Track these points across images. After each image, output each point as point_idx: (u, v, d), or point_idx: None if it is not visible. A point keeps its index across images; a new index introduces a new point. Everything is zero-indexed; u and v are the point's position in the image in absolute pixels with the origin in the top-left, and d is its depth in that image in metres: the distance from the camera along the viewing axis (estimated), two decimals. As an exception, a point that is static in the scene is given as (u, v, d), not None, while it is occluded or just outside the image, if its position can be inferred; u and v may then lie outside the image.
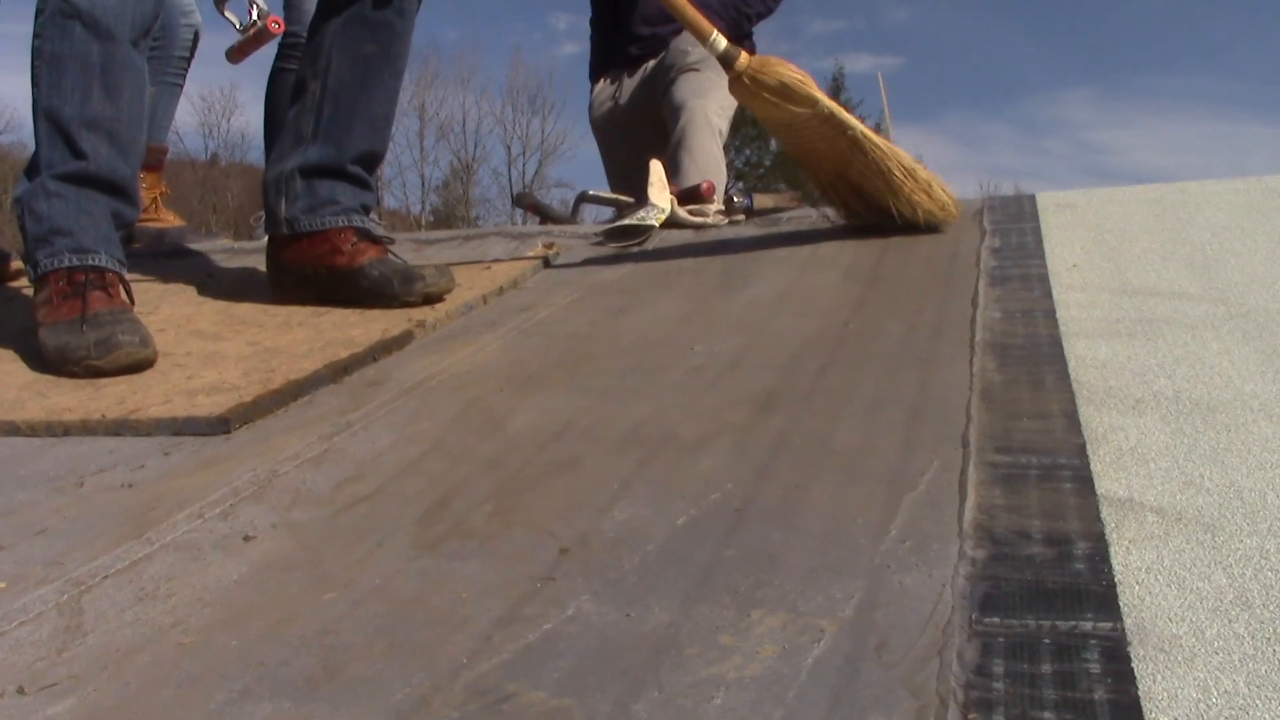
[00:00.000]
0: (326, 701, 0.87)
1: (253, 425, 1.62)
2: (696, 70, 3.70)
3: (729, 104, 3.61)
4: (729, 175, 3.93)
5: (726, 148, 4.24)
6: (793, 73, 2.52)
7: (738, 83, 2.53)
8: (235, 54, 2.98)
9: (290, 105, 2.34)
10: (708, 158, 3.49)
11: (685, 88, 3.66)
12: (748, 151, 32.11)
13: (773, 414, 1.46)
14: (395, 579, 1.08)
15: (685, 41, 3.72)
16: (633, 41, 3.89)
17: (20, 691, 0.91)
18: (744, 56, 2.53)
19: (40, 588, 1.11)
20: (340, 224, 2.27)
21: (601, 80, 4.02)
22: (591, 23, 4.05)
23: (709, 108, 3.60)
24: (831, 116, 2.52)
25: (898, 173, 2.50)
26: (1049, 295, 1.94)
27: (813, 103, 2.51)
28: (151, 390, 1.76)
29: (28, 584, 1.12)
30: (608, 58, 3.99)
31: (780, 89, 2.50)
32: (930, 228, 2.55)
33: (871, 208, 2.58)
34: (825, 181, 2.64)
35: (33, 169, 2.06)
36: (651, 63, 3.89)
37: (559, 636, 0.94)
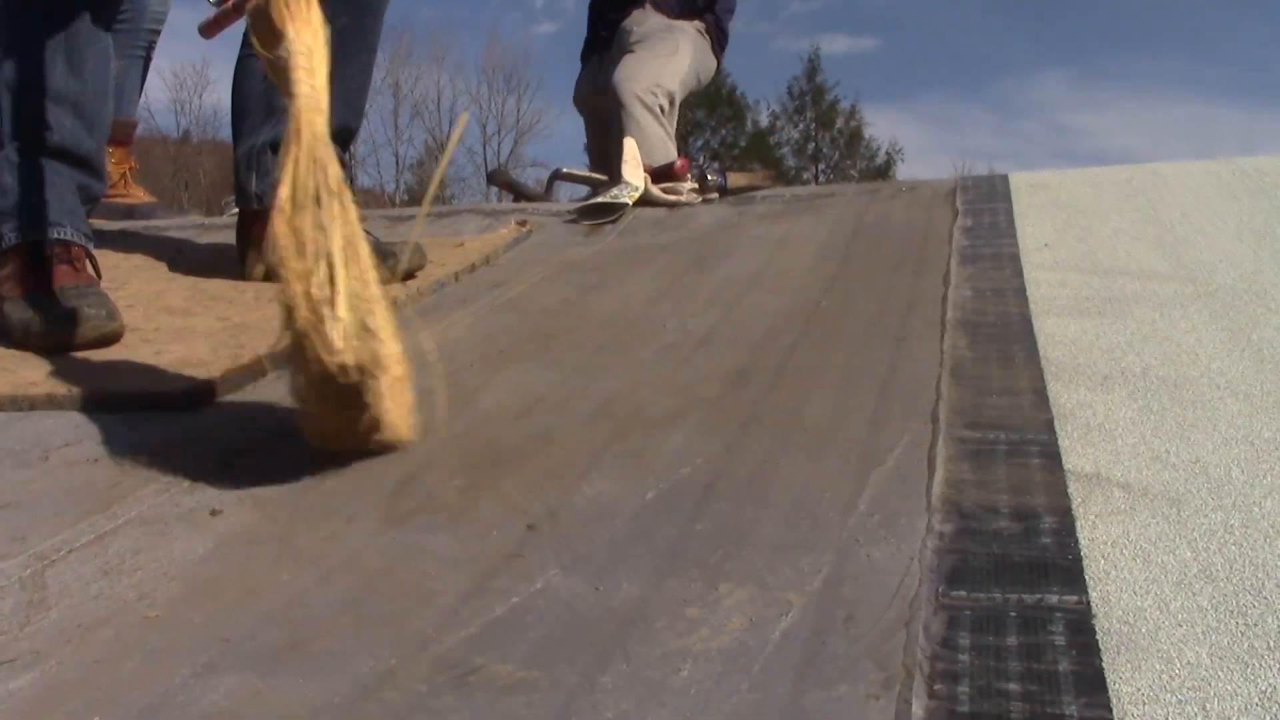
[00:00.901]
0: (291, 674, 0.86)
1: (221, 401, 1.60)
2: (632, 51, 3.71)
3: (670, 77, 3.62)
4: (703, 155, 3.94)
5: (702, 126, 4.23)
6: None
7: None
8: (208, 28, 2.94)
9: (263, 78, 2.31)
10: (645, 136, 3.49)
11: (617, 71, 3.67)
12: (723, 131, 32.11)
13: (744, 390, 1.46)
14: (363, 553, 1.07)
15: (632, 22, 3.75)
16: (603, 25, 3.89)
17: (-18, 665, 0.90)
18: None
19: (3, 562, 1.10)
20: (311, 200, 2.25)
21: (588, 60, 4.02)
22: (589, 4, 4.06)
23: (637, 87, 3.61)
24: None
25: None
26: (1020, 274, 1.94)
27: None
28: (119, 365, 1.74)
29: (-9, 558, 1.11)
30: (591, 39, 4.00)
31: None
32: None
33: None
34: None
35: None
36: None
37: (527, 610, 0.94)
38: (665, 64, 3.64)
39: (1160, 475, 1.13)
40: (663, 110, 3.59)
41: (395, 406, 1.27)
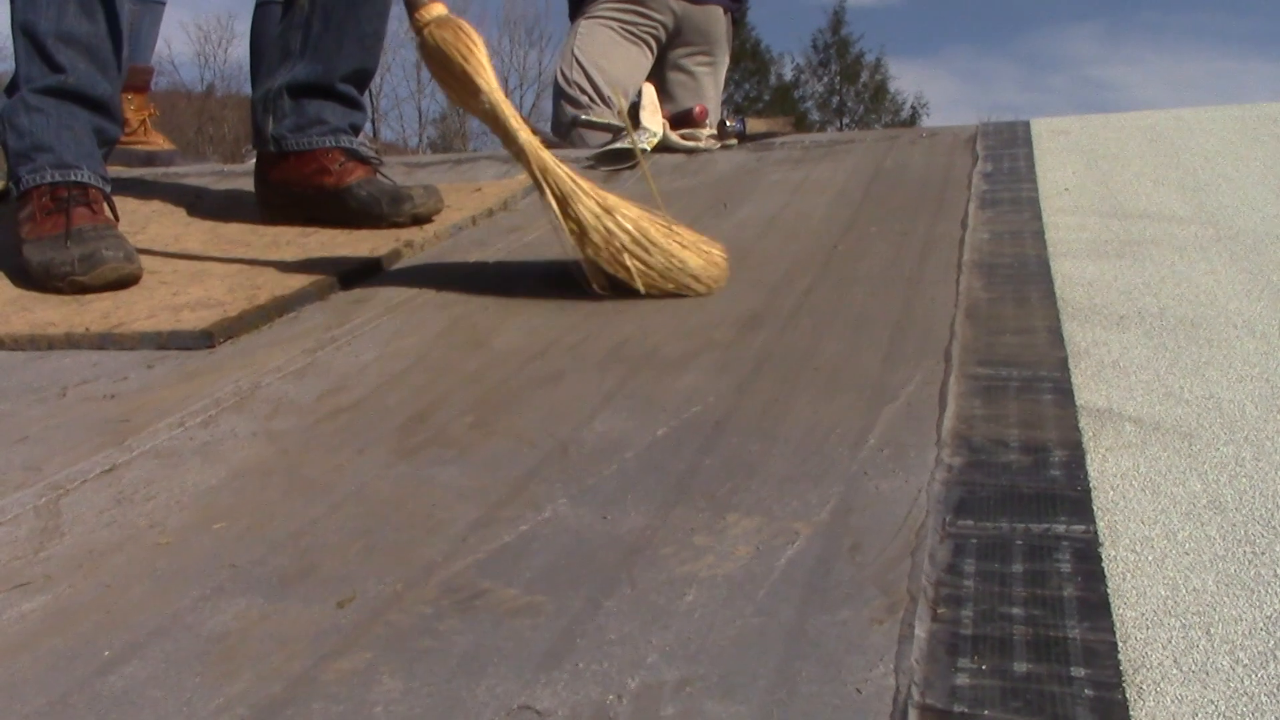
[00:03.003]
0: (298, 598, 0.87)
1: (237, 340, 1.61)
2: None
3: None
4: (727, 109, 3.97)
5: (725, 82, 4.23)
6: (459, 41, 1.70)
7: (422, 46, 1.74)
8: None
9: (279, 23, 2.31)
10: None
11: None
12: (747, 85, 31.87)
13: (757, 332, 1.46)
14: (373, 484, 1.08)
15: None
16: None
17: (-4, 588, 0.91)
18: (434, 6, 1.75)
19: (18, 491, 1.11)
20: (328, 144, 2.25)
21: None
22: None
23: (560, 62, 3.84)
24: (496, 119, 1.70)
25: (569, 221, 1.68)
26: (1038, 217, 1.93)
27: (475, 92, 1.69)
28: (136, 305, 1.75)
29: (6, 488, 1.12)
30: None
31: (444, 61, 1.70)
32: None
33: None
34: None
35: (13, 85, 2.04)
36: None
37: (534, 538, 0.94)
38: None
39: (1173, 410, 1.12)
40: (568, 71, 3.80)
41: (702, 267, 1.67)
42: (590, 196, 1.67)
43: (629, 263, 1.65)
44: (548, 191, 1.68)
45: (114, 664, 0.79)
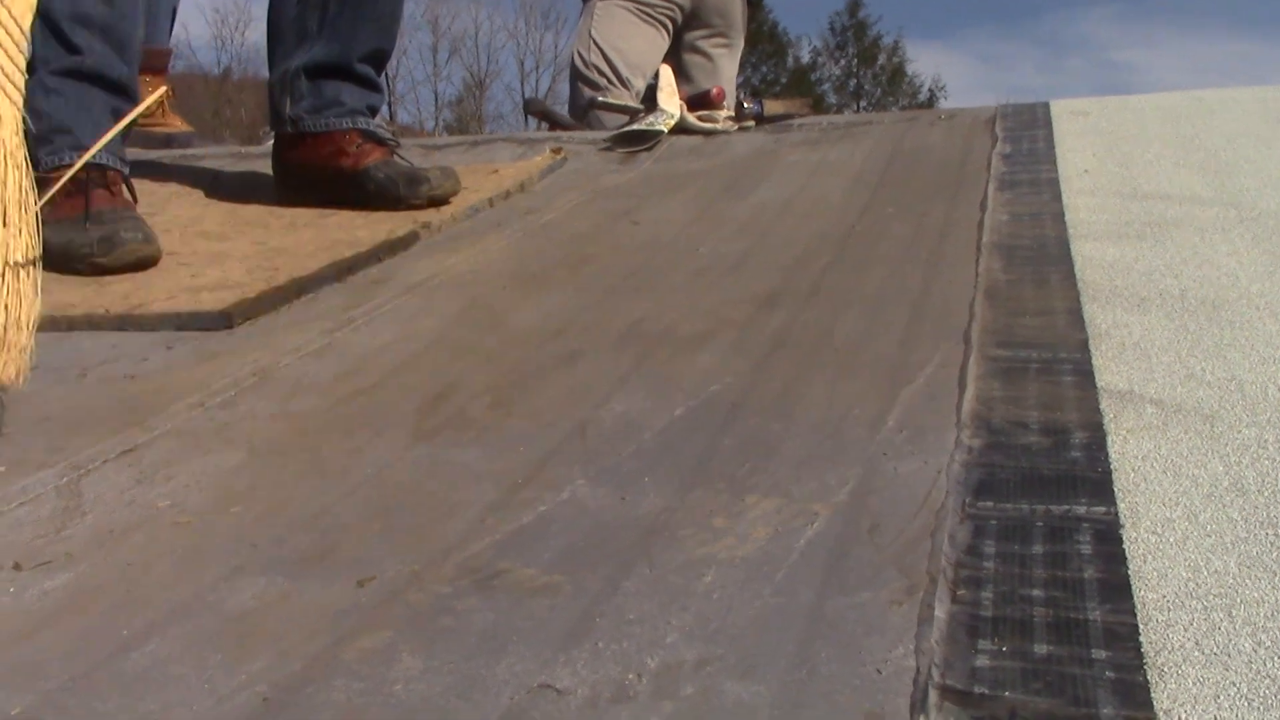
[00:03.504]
0: (318, 578, 0.87)
1: (255, 321, 1.61)
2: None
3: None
4: (744, 92, 3.95)
5: (742, 63, 4.22)
6: None
7: None
8: None
9: (296, 3, 2.30)
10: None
11: None
12: (764, 68, 31.75)
13: (774, 312, 1.45)
14: (392, 465, 1.08)
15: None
16: None
17: (16, 567, 0.92)
18: None
19: (40, 471, 1.11)
20: (345, 125, 2.25)
21: None
22: None
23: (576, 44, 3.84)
24: None
25: None
26: (1058, 199, 1.92)
27: None
28: (155, 287, 1.76)
29: (28, 468, 1.13)
30: None
31: None
32: None
33: None
34: None
35: (30, 68, 2.04)
36: None
37: (552, 519, 0.95)
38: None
39: (1195, 392, 1.12)
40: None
41: None
42: None
43: None
44: None
45: (136, 642, 0.80)
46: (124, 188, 1.99)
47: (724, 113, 2.93)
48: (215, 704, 0.72)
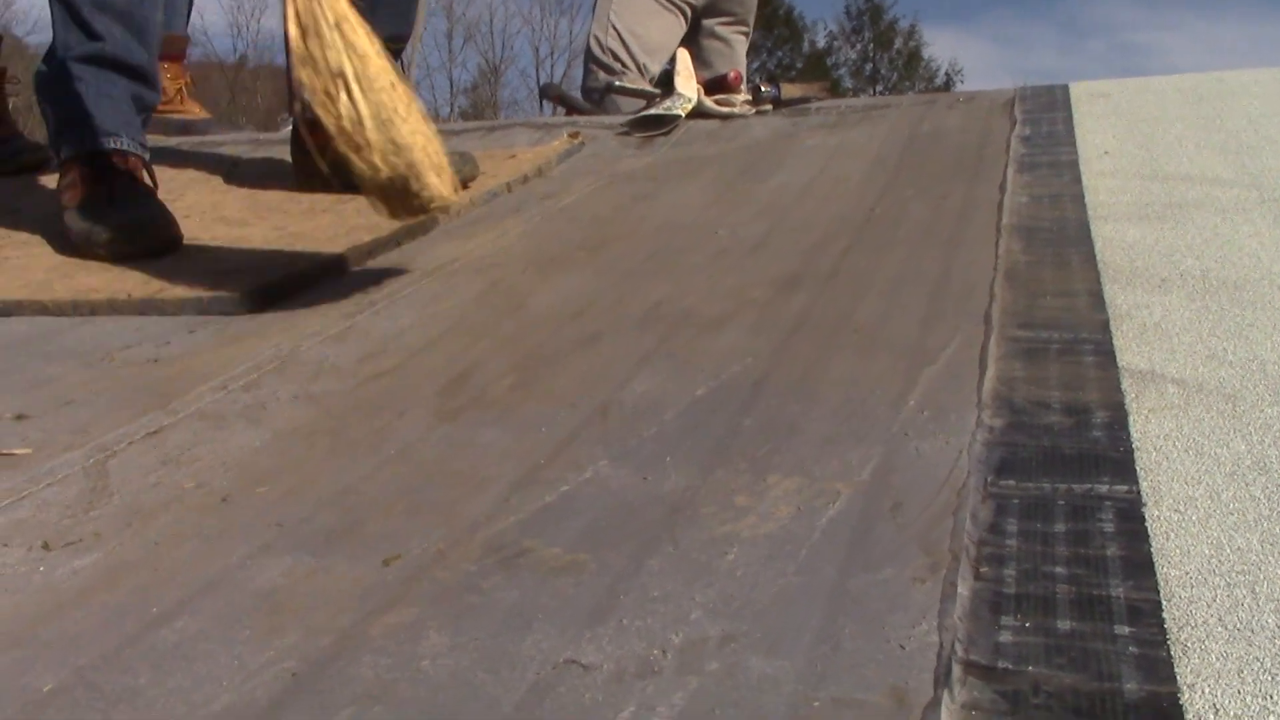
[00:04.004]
0: (344, 556, 0.88)
1: (277, 304, 1.62)
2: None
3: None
4: (759, 76, 3.96)
5: (758, 47, 4.22)
6: None
7: None
8: None
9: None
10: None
11: None
12: (780, 52, 31.63)
13: (794, 294, 1.46)
14: (415, 446, 1.09)
15: None
16: None
17: (45, 546, 0.93)
18: None
19: (67, 453, 1.12)
20: (363, 110, 2.25)
21: None
22: None
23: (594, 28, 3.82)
24: None
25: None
26: (1078, 181, 1.91)
27: None
28: (177, 272, 1.77)
29: (55, 449, 1.14)
30: None
31: None
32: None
33: None
34: None
35: (50, 54, 2.05)
36: None
37: (576, 497, 0.95)
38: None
39: (1216, 372, 1.12)
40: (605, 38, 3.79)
41: (437, 181, 1.47)
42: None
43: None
44: None
45: (165, 618, 0.80)
46: (145, 173, 2.01)
47: (741, 96, 2.93)
48: (245, 679, 0.73)
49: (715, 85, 2.95)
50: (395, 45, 2.28)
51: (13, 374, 1.40)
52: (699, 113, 2.86)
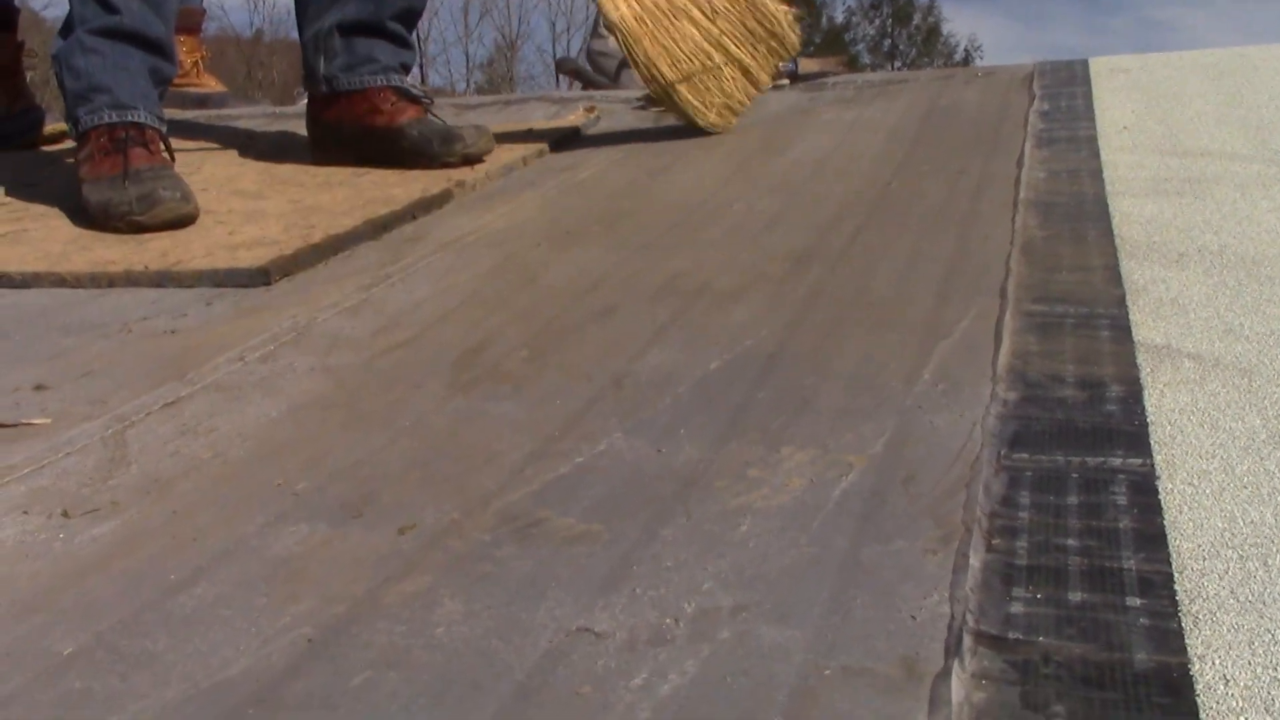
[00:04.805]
0: (359, 525, 0.89)
1: (293, 277, 1.63)
2: None
3: None
4: None
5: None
6: None
7: None
8: None
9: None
10: None
11: None
12: (797, 29, 31.43)
13: (809, 268, 1.45)
14: (430, 418, 1.09)
15: None
16: None
17: (65, 515, 0.93)
18: None
19: (86, 423, 1.13)
20: (379, 83, 2.25)
21: None
22: None
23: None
24: None
25: None
26: (1096, 156, 1.90)
27: None
28: (193, 244, 1.78)
29: (74, 419, 1.15)
30: None
31: None
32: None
33: None
34: None
35: (67, 27, 2.05)
36: None
37: (590, 469, 0.96)
38: None
39: (1233, 347, 1.11)
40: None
41: None
42: None
43: None
44: None
45: (183, 585, 0.81)
46: (161, 146, 2.01)
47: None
48: (261, 644, 0.73)
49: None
50: (409, 19, 2.28)
51: (32, 345, 1.41)
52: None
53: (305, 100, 2.51)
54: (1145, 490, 0.85)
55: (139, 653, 0.73)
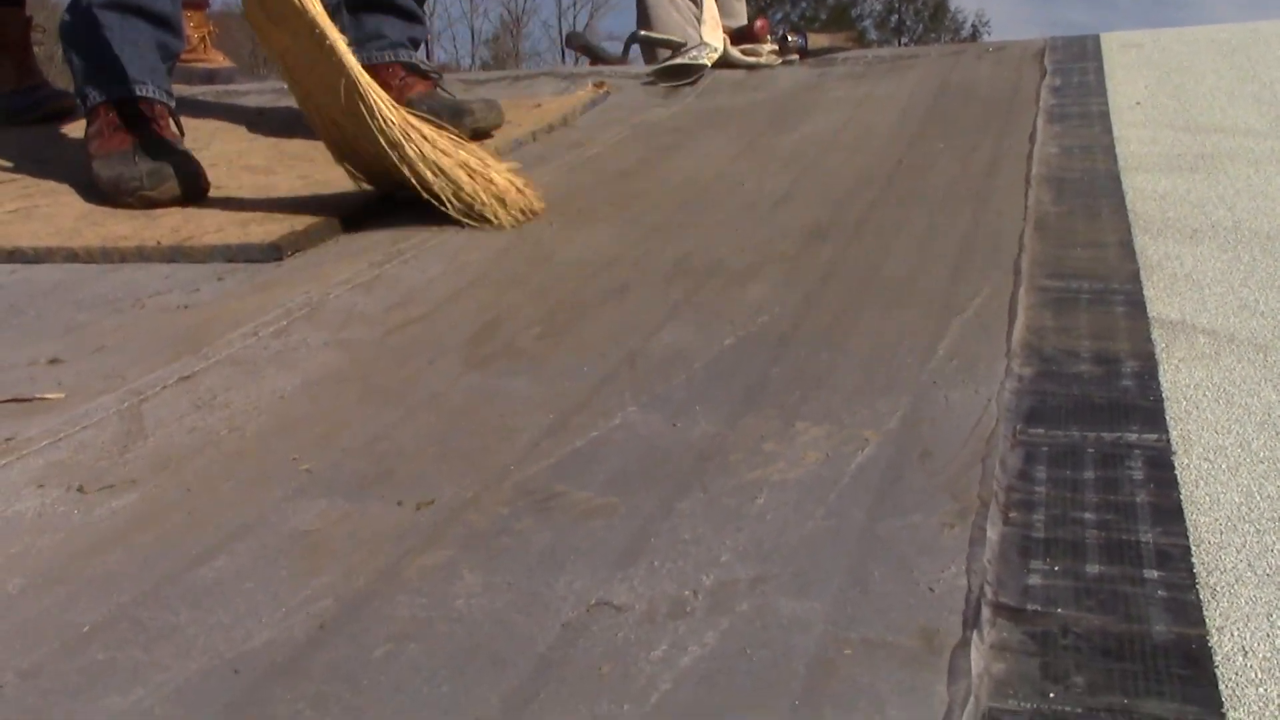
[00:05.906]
0: (377, 499, 0.89)
1: (305, 253, 1.63)
2: None
3: None
4: (783, 28, 3.89)
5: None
6: None
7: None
8: None
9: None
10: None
11: None
12: (803, 4, 31.30)
13: (822, 246, 1.45)
14: (445, 393, 1.10)
15: None
16: None
17: (81, 489, 0.94)
18: None
19: (101, 397, 1.14)
20: (388, 59, 2.25)
21: None
22: None
23: None
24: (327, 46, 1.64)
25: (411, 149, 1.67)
26: (1109, 131, 1.89)
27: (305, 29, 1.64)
28: (205, 219, 1.78)
29: (89, 394, 1.15)
30: None
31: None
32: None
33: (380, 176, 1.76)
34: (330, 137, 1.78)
35: (75, 2, 2.05)
36: None
37: (606, 443, 0.96)
38: None
39: (1248, 323, 1.11)
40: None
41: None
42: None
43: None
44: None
45: (203, 558, 0.82)
46: (171, 122, 2.01)
47: (768, 46, 2.91)
48: (283, 616, 0.74)
49: (742, 35, 2.93)
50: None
51: (45, 320, 1.41)
52: (725, 62, 2.85)
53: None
54: (1161, 465, 0.85)
55: (161, 625, 0.74)
